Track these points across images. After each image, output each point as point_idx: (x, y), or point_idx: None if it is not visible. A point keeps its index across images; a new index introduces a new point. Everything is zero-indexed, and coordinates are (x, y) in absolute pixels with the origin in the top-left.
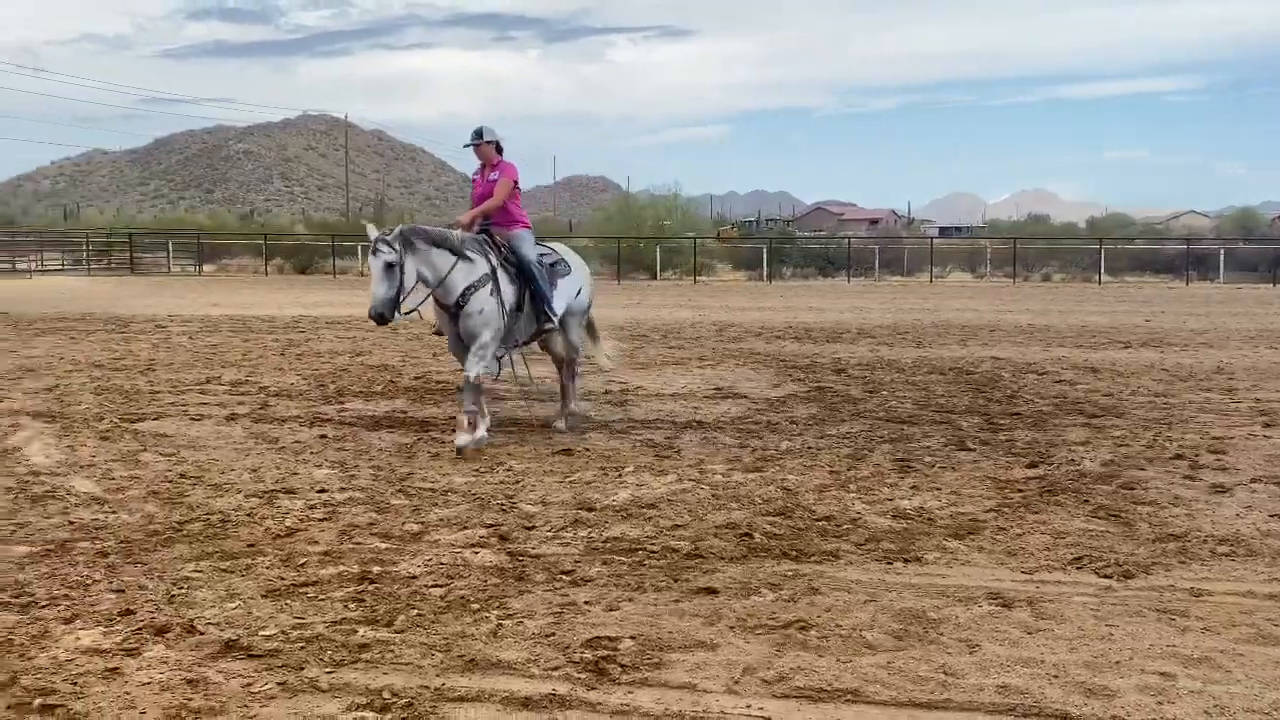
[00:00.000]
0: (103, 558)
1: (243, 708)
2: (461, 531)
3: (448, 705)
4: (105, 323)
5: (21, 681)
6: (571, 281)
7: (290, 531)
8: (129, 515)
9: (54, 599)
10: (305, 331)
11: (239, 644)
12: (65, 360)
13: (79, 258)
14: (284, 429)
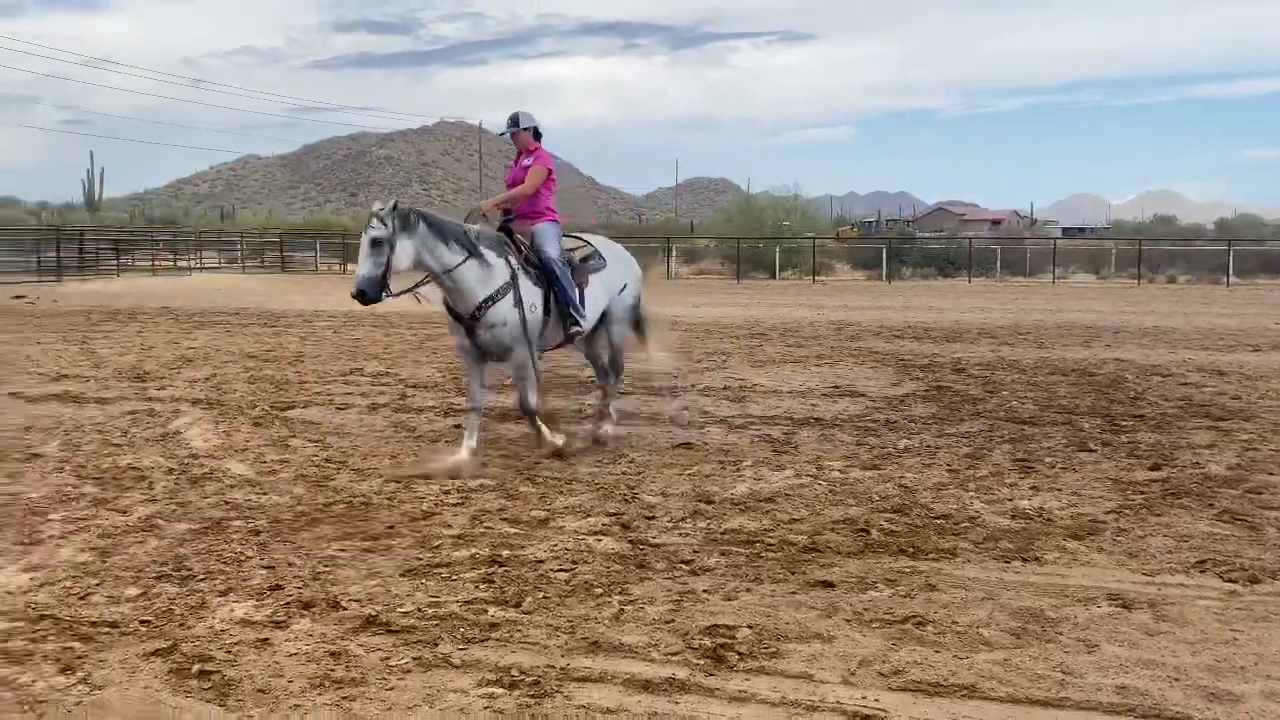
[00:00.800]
0: (255, 536)
1: (381, 680)
2: (585, 519)
3: (572, 685)
4: (258, 317)
5: (181, 649)
6: (608, 278)
7: (426, 515)
8: (279, 496)
9: (211, 573)
10: (440, 326)
11: (378, 620)
12: (222, 351)
13: (234, 256)
14: (421, 419)
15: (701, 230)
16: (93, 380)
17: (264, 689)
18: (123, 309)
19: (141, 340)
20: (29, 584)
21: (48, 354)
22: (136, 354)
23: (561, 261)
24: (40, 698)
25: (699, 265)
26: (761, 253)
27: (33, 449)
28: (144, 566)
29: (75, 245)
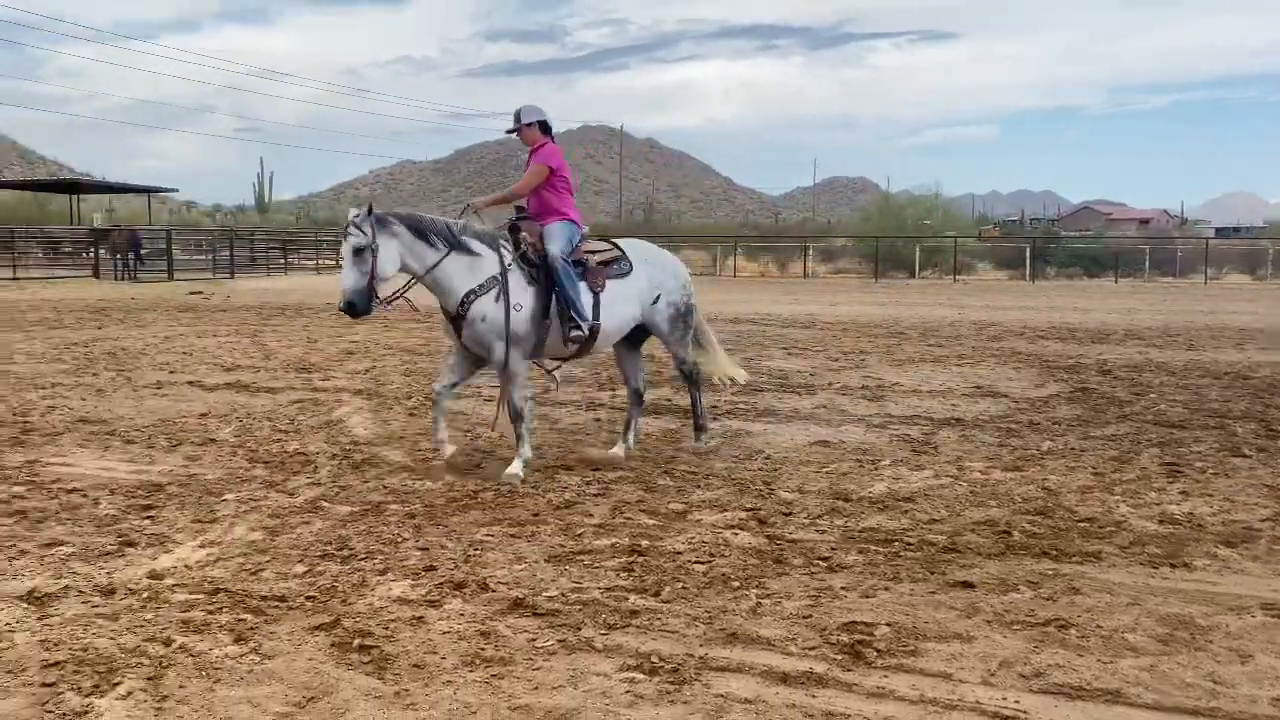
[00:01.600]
0: (410, 519)
1: (528, 660)
2: (722, 513)
3: (711, 674)
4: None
5: (343, 624)
6: (636, 285)
7: (568, 504)
8: (432, 483)
9: (370, 553)
10: None
11: (525, 602)
12: (380, 345)
13: None
14: (563, 411)
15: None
16: (263, 371)
17: (419, 664)
18: (289, 304)
19: (307, 334)
20: (206, 559)
21: (222, 346)
22: (303, 347)
23: (567, 260)
24: (216, 664)
25: (836, 264)
26: (901, 252)
27: (209, 434)
28: (309, 546)
29: (247, 245)
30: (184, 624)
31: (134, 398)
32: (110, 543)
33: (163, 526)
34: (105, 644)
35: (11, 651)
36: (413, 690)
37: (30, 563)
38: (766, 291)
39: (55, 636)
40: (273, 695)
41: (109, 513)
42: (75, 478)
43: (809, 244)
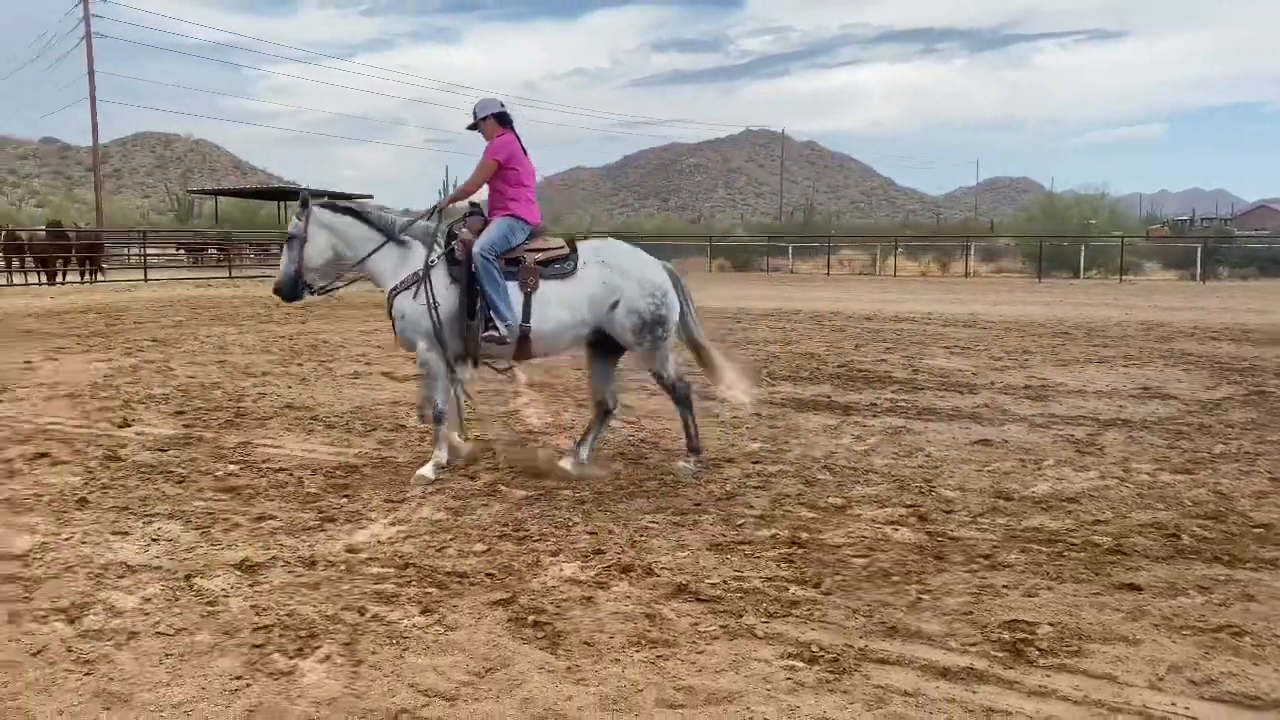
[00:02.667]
0: (580, 505)
1: (691, 643)
2: (882, 509)
3: (870, 665)
4: None
5: (519, 600)
6: (575, 286)
7: (729, 495)
8: (600, 470)
9: (543, 535)
10: (742, 322)
11: (688, 588)
12: None
13: None
14: (723, 406)
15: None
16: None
17: (589, 642)
18: None
19: None
20: (396, 536)
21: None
22: None
23: (491, 258)
24: (405, 633)
25: (998, 264)
26: (1065, 251)
27: (399, 420)
28: (488, 526)
29: None
30: (376, 595)
31: (334, 386)
32: (312, 518)
33: (358, 504)
34: (308, 611)
35: (227, 615)
36: (583, 666)
37: (242, 535)
38: (927, 290)
39: (264, 602)
40: (456, 664)
41: (311, 491)
42: (282, 458)
43: (970, 243)
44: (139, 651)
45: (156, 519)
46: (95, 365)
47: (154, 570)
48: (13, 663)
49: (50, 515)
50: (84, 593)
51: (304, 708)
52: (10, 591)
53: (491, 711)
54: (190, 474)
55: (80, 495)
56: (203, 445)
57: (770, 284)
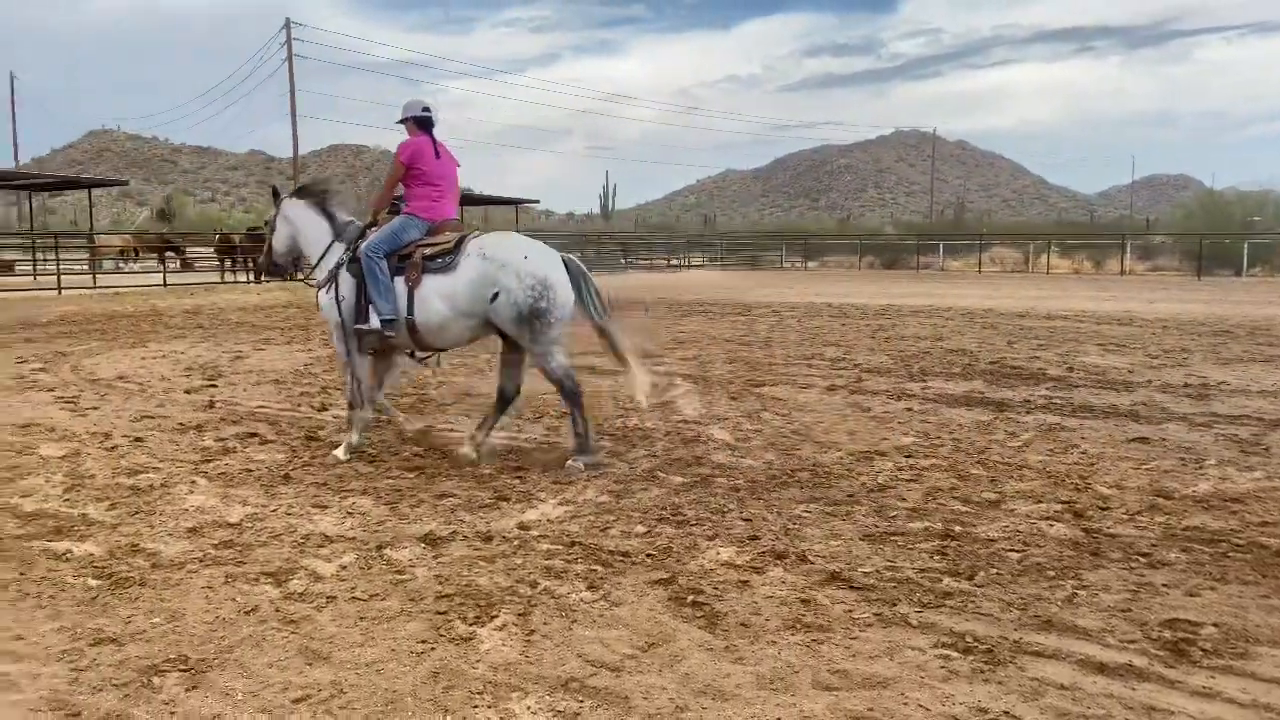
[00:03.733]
0: (734, 492)
1: (845, 629)
2: (1036, 505)
3: (1026, 658)
4: (734, 307)
5: (679, 581)
6: (455, 279)
7: (881, 488)
8: (753, 460)
9: (700, 520)
10: (892, 318)
11: (841, 576)
12: (705, 335)
13: (715, 256)
14: (875, 400)
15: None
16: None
17: (745, 624)
18: (630, 299)
19: (644, 325)
20: (564, 515)
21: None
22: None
23: (375, 255)
24: (573, 607)
25: (1154, 262)
26: (1226, 249)
27: (564, 409)
28: (648, 510)
29: (594, 247)
30: (546, 570)
31: None
32: (488, 497)
33: (529, 485)
34: (485, 582)
35: (414, 583)
36: (740, 646)
37: (426, 510)
38: (1081, 288)
39: (446, 573)
40: (620, 638)
41: (486, 472)
42: (459, 442)
43: (1126, 240)
44: (337, 614)
45: (351, 494)
46: (296, 355)
47: (349, 541)
48: (229, 620)
49: (259, 489)
50: (289, 559)
51: (482, 671)
52: (226, 556)
53: (654, 684)
54: (380, 454)
55: (285, 472)
56: (390, 428)
57: (920, 281)
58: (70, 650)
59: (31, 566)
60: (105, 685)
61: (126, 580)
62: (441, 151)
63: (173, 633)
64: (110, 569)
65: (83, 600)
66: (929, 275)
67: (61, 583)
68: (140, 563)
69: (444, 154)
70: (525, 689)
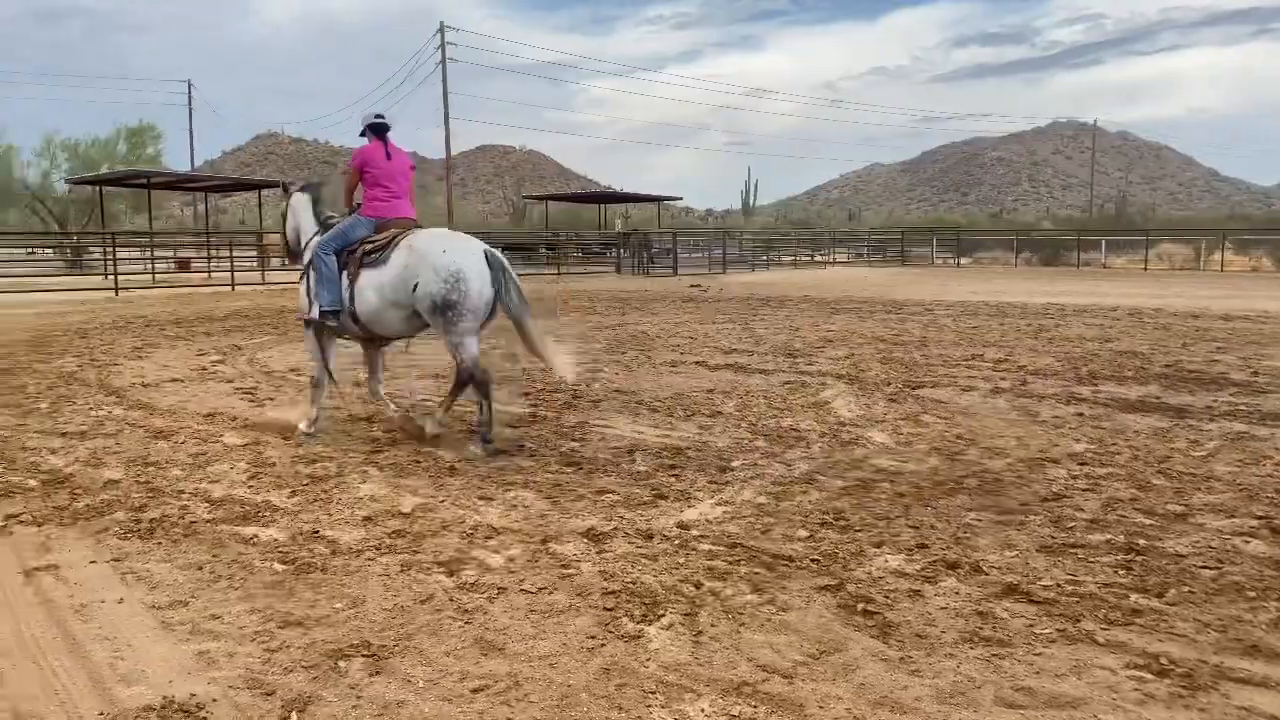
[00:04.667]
0: (899, 498)
1: (1027, 645)
2: (1229, 519)
3: (1229, 684)
4: (883, 305)
5: (846, 588)
6: (384, 272)
7: (1057, 496)
8: (916, 465)
9: (865, 526)
10: (1054, 318)
11: (1019, 589)
12: (856, 334)
13: (860, 252)
14: (1042, 405)
15: None
16: (755, 354)
17: (920, 634)
18: (773, 296)
19: (790, 323)
20: (723, 516)
21: (720, 332)
22: (787, 334)
23: (324, 251)
24: (740, 609)
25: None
26: None
27: (716, 407)
28: (809, 513)
29: (736, 244)
30: (709, 570)
31: (654, 374)
32: (646, 494)
33: (685, 484)
34: (649, 580)
35: (579, 578)
36: (916, 658)
37: (587, 506)
38: (1260, 287)
39: (610, 569)
40: (790, 644)
41: (643, 469)
42: (614, 438)
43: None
44: (508, 605)
45: (514, 487)
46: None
47: (514, 533)
48: (406, 607)
49: (428, 479)
50: (459, 549)
51: (654, 670)
52: (401, 545)
53: (829, 693)
54: (539, 449)
55: (450, 464)
56: (546, 423)
57: (1081, 279)
58: (262, 631)
59: (223, 549)
60: (295, 667)
61: (309, 565)
62: (393, 154)
63: (355, 618)
64: (294, 554)
65: (270, 583)
66: (1090, 272)
67: (250, 565)
68: (321, 549)
69: (395, 157)
70: (698, 690)
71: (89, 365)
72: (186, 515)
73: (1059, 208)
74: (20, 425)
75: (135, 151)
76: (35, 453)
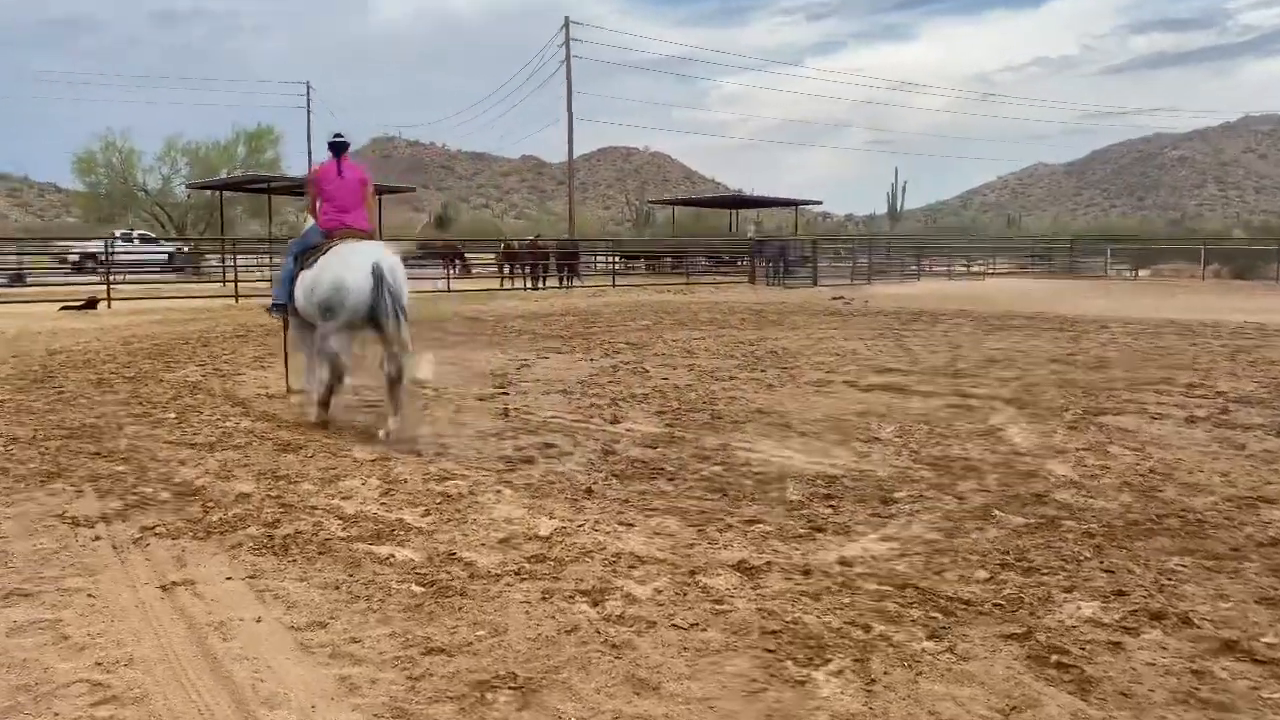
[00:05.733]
0: (1089, 538)
1: (1254, 710)
2: None
3: None
4: (1053, 322)
5: (1036, 637)
6: (306, 277)
7: (1274, 542)
8: (1105, 502)
9: (1051, 568)
10: (1254, 338)
11: (1239, 646)
12: (1024, 353)
13: (1023, 262)
14: (1249, 436)
15: None
16: (912, 374)
17: (1125, 692)
18: (925, 310)
19: (948, 339)
20: (889, 553)
21: (869, 348)
22: (946, 352)
23: (289, 254)
24: (916, 657)
25: None
26: None
27: (872, 432)
28: (987, 552)
29: (882, 252)
30: (878, 613)
31: (799, 394)
32: (801, 526)
33: (844, 516)
34: (812, 621)
35: (734, 615)
36: (1121, 718)
37: (736, 536)
38: None
39: (768, 607)
40: (975, 698)
41: (795, 498)
42: (761, 463)
43: None
44: (658, 641)
45: (656, 513)
46: (579, 365)
47: (660, 563)
48: (551, 638)
49: (564, 501)
50: (602, 578)
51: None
52: (540, 570)
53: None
54: (679, 472)
55: (586, 485)
56: (686, 445)
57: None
58: (403, 657)
59: (358, 568)
60: (441, 697)
61: (448, 589)
62: (345, 171)
63: (498, 647)
64: (431, 576)
65: (409, 606)
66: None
67: (388, 587)
68: (458, 572)
69: (347, 172)
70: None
71: (213, 375)
72: (320, 532)
73: (1252, 214)
74: (150, 435)
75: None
76: (166, 464)
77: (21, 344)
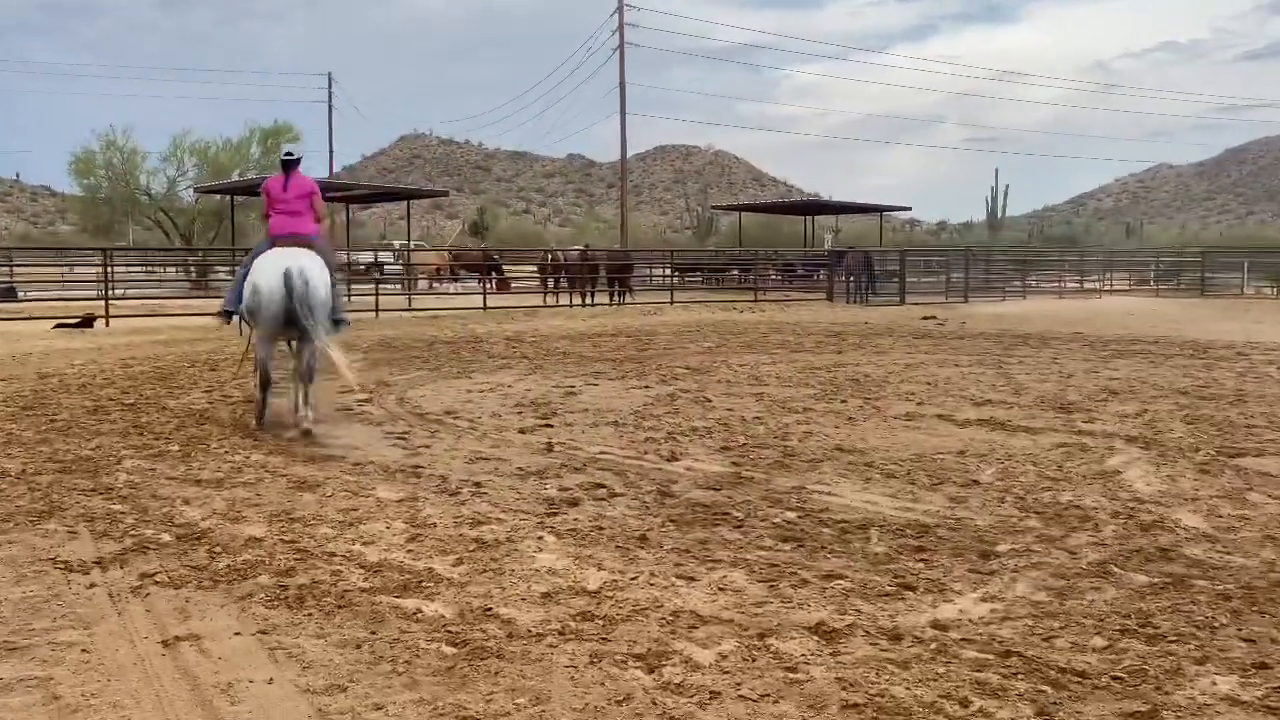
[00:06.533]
0: (1225, 600)
1: None
2: None
3: None
4: (1181, 347)
5: (1162, 715)
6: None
7: None
8: (1245, 559)
9: (1181, 636)
10: None
11: None
12: (1147, 384)
13: (1145, 277)
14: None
15: None
16: (1016, 407)
17: None
18: (1032, 332)
19: (1058, 367)
20: (990, 615)
21: (966, 377)
22: (1056, 381)
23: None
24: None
25: None
26: None
27: (970, 474)
28: (1105, 616)
29: (982, 265)
30: (978, 684)
31: (884, 428)
32: (888, 583)
33: (937, 572)
34: (901, 693)
35: (810, 685)
36: None
37: (813, 594)
38: None
39: (849, 676)
40: None
41: (880, 550)
42: (841, 508)
43: None
44: (723, 714)
45: (720, 566)
46: (633, 393)
47: (725, 623)
48: (600, 709)
49: (615, 550)
50: (658, 640)
51: None
52: (588, 630)
53: None
54: (747, 518)
55: (640, 532)
56: (754, 486)
57: None
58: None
59: (382, 624)
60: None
61: (483, 650)
62: (291, 184)
63: (539, 718)
64: (464, 635)
65: (439, 669)
66: None
67: (415, 647)
68: (495, 630)
69: (293, 186)
70: None
71: (221, 402)
72: (339, 582)
73: None
74: (151, 470)
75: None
76: (169, 503)
77: (10, 366)
